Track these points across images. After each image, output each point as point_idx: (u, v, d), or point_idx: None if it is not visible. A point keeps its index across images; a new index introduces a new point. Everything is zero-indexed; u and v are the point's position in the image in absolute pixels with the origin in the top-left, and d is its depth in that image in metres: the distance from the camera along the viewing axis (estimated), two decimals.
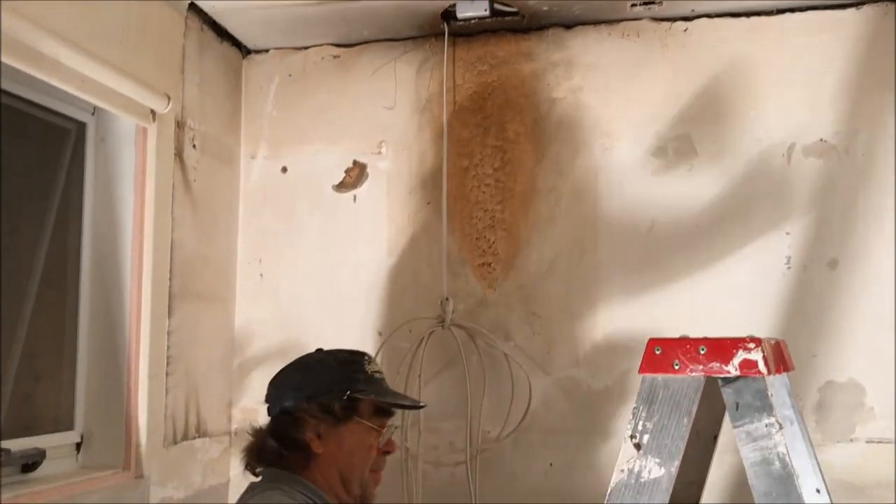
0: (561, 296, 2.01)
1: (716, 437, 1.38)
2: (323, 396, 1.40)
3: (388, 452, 1.47)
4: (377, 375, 1.48)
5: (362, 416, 1.41)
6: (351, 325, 2.11)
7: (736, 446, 1.55)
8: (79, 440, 1.77)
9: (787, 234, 1.89)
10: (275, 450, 1.40)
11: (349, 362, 1.47)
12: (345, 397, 1.40)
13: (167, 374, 1.87)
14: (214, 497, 2.06)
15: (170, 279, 1.88)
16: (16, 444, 1.58)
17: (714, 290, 1.92)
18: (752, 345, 1.05)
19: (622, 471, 1.10)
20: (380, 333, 2.08)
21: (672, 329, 1.89)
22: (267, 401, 1.46)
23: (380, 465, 1.46)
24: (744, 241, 1.91)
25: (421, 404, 1.65)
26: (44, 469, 1.64)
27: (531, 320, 2.03)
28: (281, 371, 1.50)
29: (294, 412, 1.40)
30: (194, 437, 1.98)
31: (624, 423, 1.95)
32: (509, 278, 2.05)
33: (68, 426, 1.76)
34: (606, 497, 1.10)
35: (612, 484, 1.10)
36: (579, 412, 1.98)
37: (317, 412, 1.39)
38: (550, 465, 1.98)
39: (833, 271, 1.87)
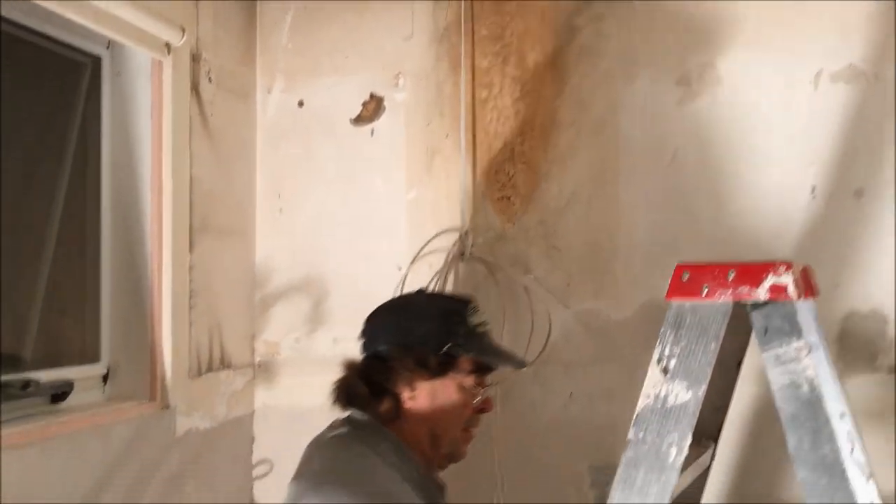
0: (581, 229, 2.00)
1: (739, 364, 1.38)
2: (419, 348, 1.32)
3: (483, 411, 1.40)
4: (480, 329, 1.40)
5: (459, 373, 1.34)
6: (370, 260, 2.12)
7: (755, 377, 1.57)
8: (105, 372, 1.81)
9: (813, 162, 1.85)
10: (364, 395, 1.34)
11: (451, 312, 1.38)
12: (442, 352, 1.32)
13: (190, 308, 1.89)
14: (240, 427, 2.11)
15: (190, 214, 1.89)
16: (44, 376, 1.62)
17: (737, 219, 1.89)
18: (782, 268, 1.04)
19: (648, 396, 1.09)
20: (399, 268, 2.08)
21: (692, 255, 1.88)
22: (362, 336, 1.41)
23: (474, 423, 1.40)
24: (768, 171, 1.88)
25: (525, 362, 1.51)
26: (72, 400, 1.68)
27: (551, 254, 2.02)
28: (379, 309, 1.43)
29: (387, 359, 1.33)
30: (219, 369, 2.01)
31: (643, 355, 1.95)
32: (529, 212, 2.03)
33: (94, 358, 1.80)
34: (633, 422, 1.10)
35: (638, 409, 1.09)
36: (599, 344, 1.98)
37: (411, 364, 1.32)
38: (570, 395, 2.00)
39: (859, 201, 1.84)
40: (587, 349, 1.99)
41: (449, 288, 2.05)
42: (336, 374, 2.09)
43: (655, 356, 1.10)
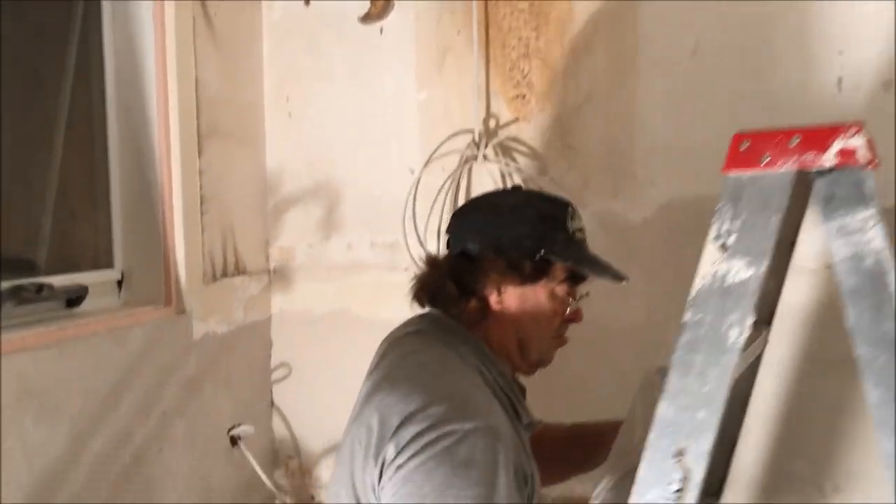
0: (598, 127, 1.94)
1: (793, 245, 1.30)
2: (513, 251, 1.24)
3: (573, 321, 1.34)
4: (578, 235, 1.31)
5: (552, 280, 1.27)
6: (381, 164, 2.08)
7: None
8: (119, 278, 1.81)
9: (840, 53, 1.77)
10: (451, 294, 1.26)
11: (549, 217, 1.29)
12: (538, 258, 1.24)
13: (202, 213, 1.87)
14: (256, 332, 2.12)
15: (197, 118, 1.85)
16: (58, 280, 1.62)
17: (761, 113, 1.82)
18: (853, 130, 0.96)
19: (705, 276, 1.03)
20: (411, 171, 2.05)
21: (713, 154, 1.83)
22: (448, 231, 1.32)
23: (563, 331, 1.34)
24: (794, 62, 1.80)
25: (624, 277, 1.38)
26: (87, 305, 1.68)
27: (567, 153, 1.97)
28: (470, 204, 1.34)
29: (476, 259, 1.25)
30: (233, 275, 2.01)
31: (662, 256, 1.93)
32: (544, 110, 1.98)
33: (108, 264, 1.80)
34: (687, 305, 1.03)
35: (693, 292, 1.03)
36: (616, 246, 1.95)
37: (502, 266, 1.23)
38: (587, 294, 1.98)
39: (887, 93, 1.76)
40: (604, 250, 1.94)
41: (462, 191, 2.02)
42: (350, 279, 2.12)
43: (712, 234, 1.02)
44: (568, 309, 1.31)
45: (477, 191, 2.01)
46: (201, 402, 1.88)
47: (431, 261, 1.33)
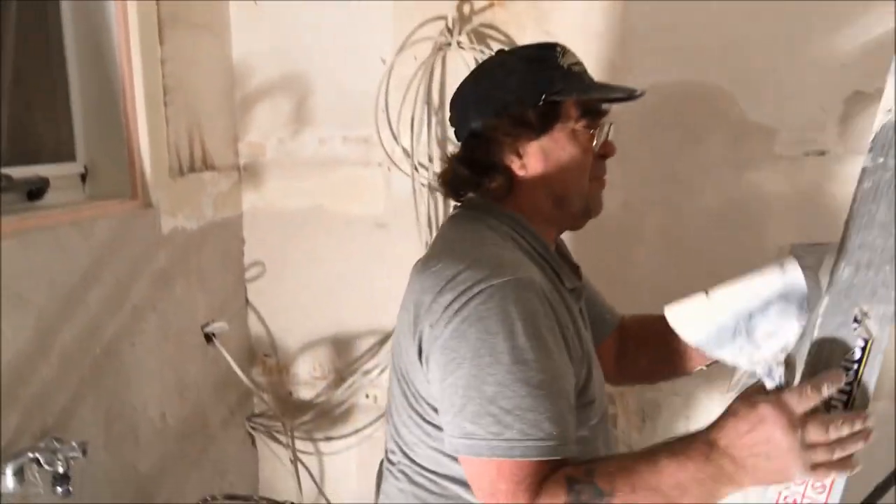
0: (575, 13, 1.87)
1: None
2: (514, 107, 1.16)
3: (606, 156, 1.24)
4: (576, 68, 1.21)
5: (567, 121, 1.18)
6: (353, 53, 2.01)
7: None
8: (83, 171, 1.75)
9: None
10: (468, 178, 1.21)
11: (537, 59, 1.20)
12: (540, 103, 1.16)
13: (166, 105, 1.81)
14: (228, 229, 2.09)
15: (157, 5, 1.77)
16: (17, 172, 1.56)
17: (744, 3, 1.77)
18: None
19: (889, 110, 0.89)
20: (383, 61, 1.98)
21: (691, 41, 1.78)
22: (452, 124, 1.27)
23: (601, 170, 1.24)
24: None
25: (637, 92, 1.26)
26: (50, 198, 1.63)
27: (543, 39, 1.90)
28: (459, 87, 1.26)
29: (483, 133, 1.19)
30: (202, 170, 1.96)
31: (638, 143, 1.89)
32: None
33: (70, 157, 1.74)
34: (868, 148, 0.91)
35: (875, 130, 0.90)
36: None
37: (510, 128, 1.17)
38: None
39: None
40: None
41: (436, 81, 1.96)
42: (322, 175, 2.08)
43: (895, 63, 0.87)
44: (595, 144, 1.21)
45: (451, 80, 1.95)
46: (173, 298, 1.85)
47: (447, 159, 1.28)
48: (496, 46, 1.91)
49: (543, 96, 1.16)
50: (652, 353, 1.43)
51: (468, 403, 1.01)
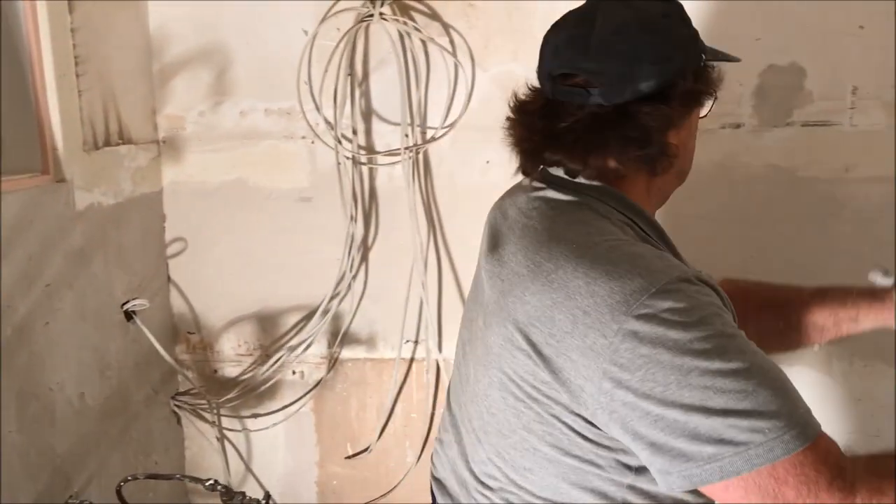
0: None
1: None
2: (689, 69, 1.00)
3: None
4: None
5: (711, 90, 1.04)
6: (273, 23, 1.96)
7: None
8: None
9: None
10: (612, 149, 0.98)
11: (683, 12, 1.03)
12: (701, 65, 1.01)
13: (77, 76, 1.74)
14: (147, 205, 2.03)
15: None
16: None
17: None
18: None
19: None
20: (305, 32, 1.94)
21: None
22: (598, 76, 0.96)
23: None
24: None
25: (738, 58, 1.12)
26: None
27: (467, 11, 1.90)
28: (617, 29, 0.97)
29: (660, 98, 0.96)
30: (118, 144, 1.90)
31: None
32: None
33: None
34: None
35: None
36: None
37: (691, 94, 1.00)
38: (487, 162, 1.96)
39: None
40: (505, 113, 1.92)
41: (359, 51, 1.94)
42: (245, 148, 2.04)
43: None
44: (706, 113, 1.08)
45: (374, 52, 1.94)
46: (91, 276, 1.80)
47: (569, 114, 0.98)
48: (419, 18, 1.90)
49: (702, 60, 1.02)
50: (764, 325, 1.23)
51: (699, 428, 0.83)
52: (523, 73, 1.89)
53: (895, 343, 1.56)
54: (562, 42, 1.01)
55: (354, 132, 1.96)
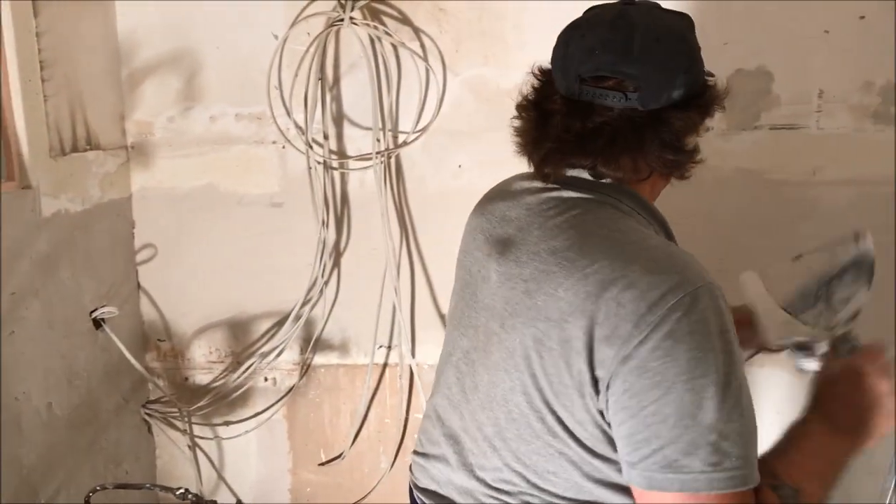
0: None
1: None
2: (702, 81, 1.04)
3: None
4: None
5: (722, 100, 1.08)
6: (244, 28, 1.95)
7: None
8: None
9: None
10: (659, 160, 1.00)
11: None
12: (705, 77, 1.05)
13: (43, 80, 1.72)
14: (116, 211, 2.01)
15: None
16: None
17: None
18: None
19: None
20: (275, 36, 1.93)
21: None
22: (630, 80, 0.98)
23: None
24: None
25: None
26: None
27: (438, 16, 1.90)
28: (650, 36, 0.99)
29: (685, 106, 1.00)
30: (86, 150, 1.88)
31: None
32: None
33: None
34: None
35: None
36: (488, 112, 1.92)
37: (711, 101, 1.05)
38: (459, 166, 1.96)
39: None
40: (476, 118, 1.93)
41: (329, 55, 1.93)
42: (215, 153, 2.02)
43: None
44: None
45: (345, 56, 1.93)
46: (58, 284, 1.77)
47: (597, 121, 0.99)
48: (389, 22, 1.90)
49: (705, 73, 1.06)
50: None
51: (683, 433, 0.86)
52: (494, 77, 1.91)
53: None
54: (598, 44, 1.00)
55: (326, 137, 1.96)
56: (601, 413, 0.93)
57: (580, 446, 0.96)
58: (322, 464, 2.12)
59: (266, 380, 2.10)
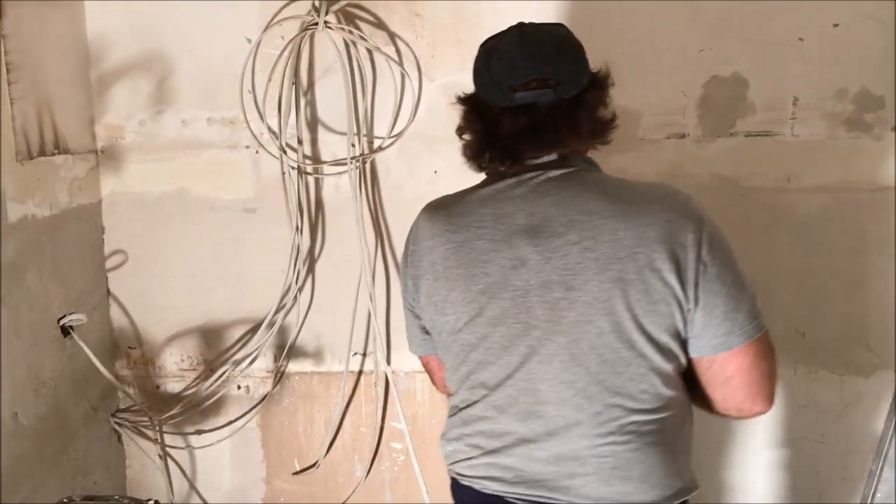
0: None
1: None
2: (590, 67, 1.29)
3: None
4: None
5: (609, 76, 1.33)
6: (217, 32, 1.93)
7: None
8: None
9: None
10: (589, 132, 1.26)
11: None
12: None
13: (9, 83, 1.68)
14: (85, 217, 1.97)
15: None
16: None
17: None
18: None
19: None
20: (248, 40, 1.91)
21: (564, 20, 1.81)
22: (557, 71, 1.22)
23: None
24: None
25: None
26: None
27: (413, 21, 1.89)
28: (562, 35, 1.27)
29: (592, 86, 1.25)
30: (53, 154, 1.84)
31: None
32: None
33: None
34: None
35: None
36: None
37: (600, 80, 1.28)
38: (435, 172, 1.94)
39: None
40: (452, 123, 1.90)
41: (304, 61, 1.91)
42: (187, 158, 1.99)
43: None
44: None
45: (319, 61, 1.91)
46: (25, 291, 1.74)
47: (534, 106, 1.23)
48: (364, 27, 1.88)
49: None
50: None
51: (748, 289, 1.18)
52: (469, 82, 1.88)
53: None
54: (517, 58, 1.23)
55: (300, 141, 1.93)
56: (682, 316, 1.15)
57: (661, 355, 1.16)
58: (296, 473, 2.09)
59: (239, 388, 2.07)
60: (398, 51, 1.90)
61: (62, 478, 1.88)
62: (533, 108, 1.22)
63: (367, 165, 1.94)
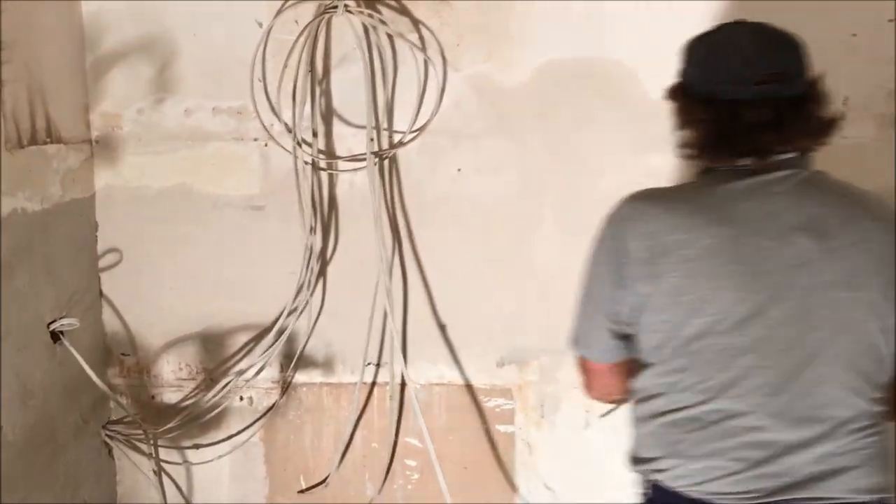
0: None
1: None
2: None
3: None
4: None
5: None
6: (224, 14, 1.81)
7: None
8: None
9: None
10: (820, 128, 1.24)
11: None
12: None
13: (1, 63, 1.54)
14: (78, 212, 1.85)
15: None
16: None
17: None
18: None
19: None
20: (259, 24, 1.78)
21: (595, 10, 1.70)
22: (786, 68, 1.22)
23: None
24: None
25: None
26: None
27: (438, 8, 1.77)
28: (778, 39, 1.25)
29: (819, 83, 1.25)
30: (45, 143, 1.71)
31: (535, 124, 1.79)
32: None
33: None
34: None
35: None
36: (489, 112, 1.80)
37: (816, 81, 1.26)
38: (458, 170, 1.83)
39: None
40: (477, 118, 1.80)
41: (321, 49, 1.79)
42: (189, 150, 1.86)
43: None
44: None
45: (337, 48, 1.79)
46: (14, 291, 1.60)
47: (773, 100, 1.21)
48: (388, 13, 1.76)
49: None
50: None
51: None
52: (499, 75, 1.78)
53: None
54: (752, 54, 1.22)
55: (315, 134, 1.81)
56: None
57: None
58: (302, 491, 1.95)
59: (242, 399, 1.93)
60: (421, 38, 1.78)
61: (51, 492, 1.76)
62: (774, 102, 1.20)
63: (386, 162, 1.82)
